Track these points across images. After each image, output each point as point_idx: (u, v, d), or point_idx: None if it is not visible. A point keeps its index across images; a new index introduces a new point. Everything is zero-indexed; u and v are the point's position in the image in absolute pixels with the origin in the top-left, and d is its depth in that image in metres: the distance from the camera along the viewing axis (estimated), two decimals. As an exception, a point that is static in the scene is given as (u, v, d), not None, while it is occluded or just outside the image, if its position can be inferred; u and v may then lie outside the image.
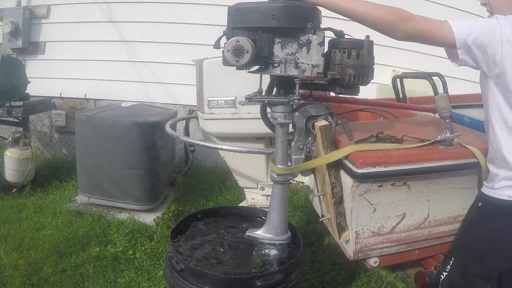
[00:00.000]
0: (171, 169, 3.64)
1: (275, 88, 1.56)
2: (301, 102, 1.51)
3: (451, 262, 1.50)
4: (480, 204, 1.44)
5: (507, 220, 1.34)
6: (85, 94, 4.43)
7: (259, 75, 1.55)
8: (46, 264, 2.48)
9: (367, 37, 1.42)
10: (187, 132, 3.76)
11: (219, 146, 2.16)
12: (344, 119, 1.73)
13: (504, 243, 1.34)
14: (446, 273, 1.50)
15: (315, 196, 1.92)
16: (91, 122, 3.04)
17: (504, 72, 1.29)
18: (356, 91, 1.47)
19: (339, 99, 1.91)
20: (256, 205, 2.44)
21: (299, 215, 3.18)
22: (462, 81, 3.30)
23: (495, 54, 1.28)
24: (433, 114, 2.07)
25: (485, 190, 1.43)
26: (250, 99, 1.54)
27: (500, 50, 1.28)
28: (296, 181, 2.23)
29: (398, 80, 2.65)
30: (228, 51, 1.30)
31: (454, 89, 2.50)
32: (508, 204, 1.34)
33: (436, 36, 1.32)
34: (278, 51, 1.36)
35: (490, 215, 1.39)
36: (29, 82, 3.79)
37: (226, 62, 1.33)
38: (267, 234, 1.58)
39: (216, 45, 1.43)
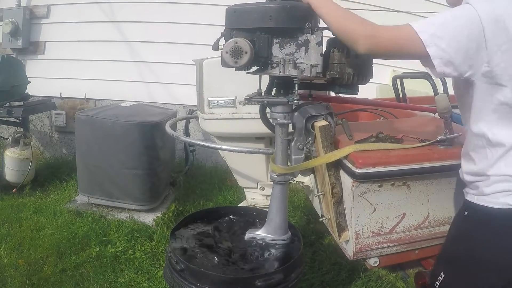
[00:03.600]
0: (171, 169, 3.64)
1: (274, 88, 1.56)
2: (301, 102, 1.51)
3: (440, 278, 1.34)
4: (466, 213, 1.28)
5: (499, 231, 1.18)
6: (85, 94, 4.43)
7: (258, 75, 1.55)
8: (46, 264, 2.49)
9: None
10: (187, 132, 3.76)
11: (219, 146, 2.16)
12: (344, 119, 1.73)
13: (496, 258, 1.17)
14: None
15: (315, 196, 1.92)
16: (91, 122, 3.04)
17: (494, 67, 1.09)
18: (356, 90, 1.47)
19: (339, 99, 1.91)
20: (256, 205, 2.44)
21: (299, 215, 3.18)
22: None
23: (479, 49, 1.08)
24: (433, 114, 2.07)
25: (471, 197, 1.27)
26: (249, 100, 1.54)
27: (483, 41, 1.07)
28: (296, 181, 2.23)
29: (398, 80, 2.65)
30: (226, 52, 1.30)
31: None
32: (501, 213, 1.17)
33: (404, 51, 1.16)
34: (277, 52, 1.35)
35: (479, 226, 1.23)
36: (29, 82, 3.79)
37: (224, 64, 1.33)
38: (267, 234, 1.58)
39: (215, 47, 1.43)
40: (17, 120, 3.61)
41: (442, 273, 1.34)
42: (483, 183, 1.22)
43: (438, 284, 1.34)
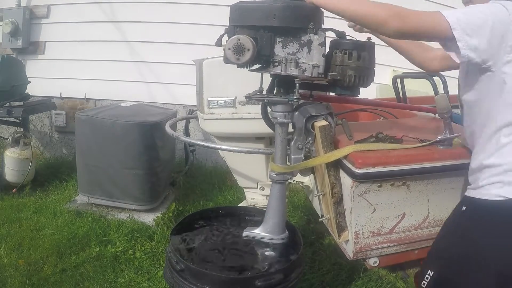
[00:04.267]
0: (171, 169, 3.64)
1: (275, 87, 1.56)
2: (301, 101, 1.51)
3: (428, 276, 1.32)
4: (464, 208, 1.28)
5: (492, 223, 1.17)
6: (85, 94, 4.43)
7: (259, 75, 1.55)
8: (46, 264, 2.48)
9: (369, 38, 1.42)
10: (187, 132, 3.76)
11: (219, 146, 2.16)
12: (344, 119, 1.73)
13: (492, 255, 1.15)
14: None
15: (315, 196, 1.92)
16: (91, 122, 3.04)
17: None
18: (356, 92, 1.47)
19: (339, 99, 1.91)
20: (256, 205, 2.44)
21: (299, 215, 3.18)
22: (462, 81, 3.29)
23: (504, 40, 1.12)
24: (433, 114, 2.07)
25: (469, 192, 1.28)
26: (250, 98, 1.54)
27: (509, 33, 1.12)
28: (296, 181, 2.23)
29: (398, 80, 2.65)
30: (229, 49, 1.31)
31: (454, 89, 2.50)
32: (493, 205, 1.17)
33: (431, 31, 1.19)
34: (279, 50, 1.36)
35: (474, 219, 1.23)
36: (29, 82, 3.79)
37: (227, 60, 1.34)
38: (264, 233, 1.58)
39: (218, 43, 1.43)
40: (17, 120, 3.61)
41: (430, 271, 1.32)
42: (479, 175, 1.24)
43: (425, 283, 1.32)
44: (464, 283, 1.22)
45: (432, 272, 1.31)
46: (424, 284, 1.33)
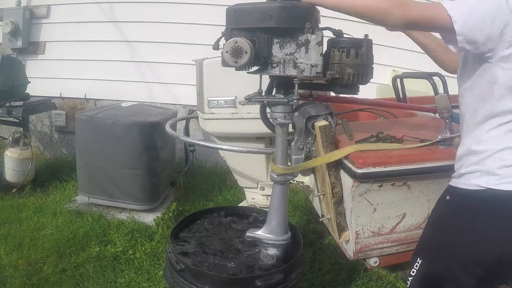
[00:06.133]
0: (171, 169, 3.64)
1: (274, 88, 1.56)
2: (301, 102, 1.51)
3: (417, 264, 1.34)
4: (448, 197, 1.30)
5: (472, 212, 1.20)
6: (85, 94, 4.43)
7: (259, 75, 1.54)
8: (46, 264, 2.48)
9: (366, 36, 1.42)
10: (187, 132, 3.76)
11: (219, 146, 2.16)
12: (344, 119, 1.72)
13: (475, 245, 1.17)
14: (412, 278, 1.35)
15: (315, 196, 1.92)
16: (91, 122, 3.04)
17: None
18: (356, 91, 1.46)
19: (339, 99, 1.91)
20: (256, 205, 2.44)
21: (299, 215, 3.18)
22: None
23: (504, 32, 1.12)
24: (433, 114, 2.07)
25: (452, 181, 1.30)
26: (249, 100, 1.54)
27: (509, 27, 1.12)
28: (296, 181, 2.23)
29: (398, 80, 2.65)
30: (226, 52, 1.30)
31: (454, 89, 2.49)
32: (473, 195, 1.19)
33: (433, 21, 1.20)
34: (277, 51, 1.36)
35: (456, 208, 1.25)
36: (29, 82, 3.79)
37: (225, 63, 1.33)
38: (268, 234, 1.58)
39: (215, 46, 1.43)
40: (17, 120, 3.61)
41: (418, 259, 1.35)
42: (462, 162, 1.26)
43: (415, 271, 1.34)
44: (449, 272, 1.24)
45: (421, 260, 1.34)
46: (413, 272, 1.35)
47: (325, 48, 1.40)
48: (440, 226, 1.30)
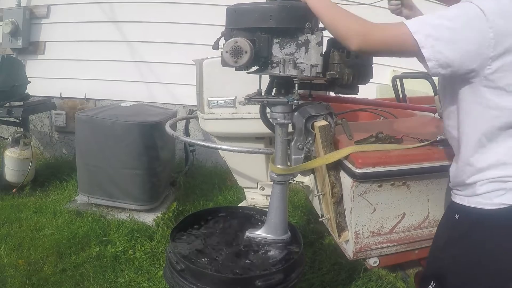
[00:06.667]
0: (171, 169, 3.64)
1: (274, 88, 1.56)
2: (300, 102, 1.51)
3: (431, 287, 1.29)
4: (457, 216, 1.22)
5: (497, 232, 1.13)
6: (85, 94, 4.43)
7: (258, 75, 1.54)
8: (46, 264, 2.49)
9: None
10: (187, 132, 3.77)
11: (219, 146, 2.16)
12: (344, 119, 1.72)
13: (496, 261, 1.13)
14: None
15: (315, 196, 1.92)
16: (91, 122, 3.04)
17: (499, 68, 1.03)
18: (356, 91, 1.47)
19: (339, 99, 1.91)
20: (256, 205, 2.44)
21: (299, 215, 3.18)
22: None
23: (482, 50, 1.02)
24: (433, 114, 2.07)
25: (462, 199, 1.22)
26: (249, 100, 1.54)
27: (487, 42, 1.00)
28: (296, 181, 2.23)
29: (398, 80, 2.65)
30: (226, 52, 1.30)
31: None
32: (496, 214, 1.12)
33: (399, 49, 1.12)
34: (277, 52, 1.36)
35: (473, 229, 1.18)
36: (29, 82, 3.79)
37: (225, 63, 1.33)
38: (267, 234, 1.58)
39: (215, 46, 1.43)
40: (17, 120, 3.62)
41: (432, 282, 1.29)
42: (475, 183, 1.18)
43: None
44: None
45: (434, 284, 1.28)
46: None
47: (325, 48, 1.40)
48: (453, 247, 1.23)
